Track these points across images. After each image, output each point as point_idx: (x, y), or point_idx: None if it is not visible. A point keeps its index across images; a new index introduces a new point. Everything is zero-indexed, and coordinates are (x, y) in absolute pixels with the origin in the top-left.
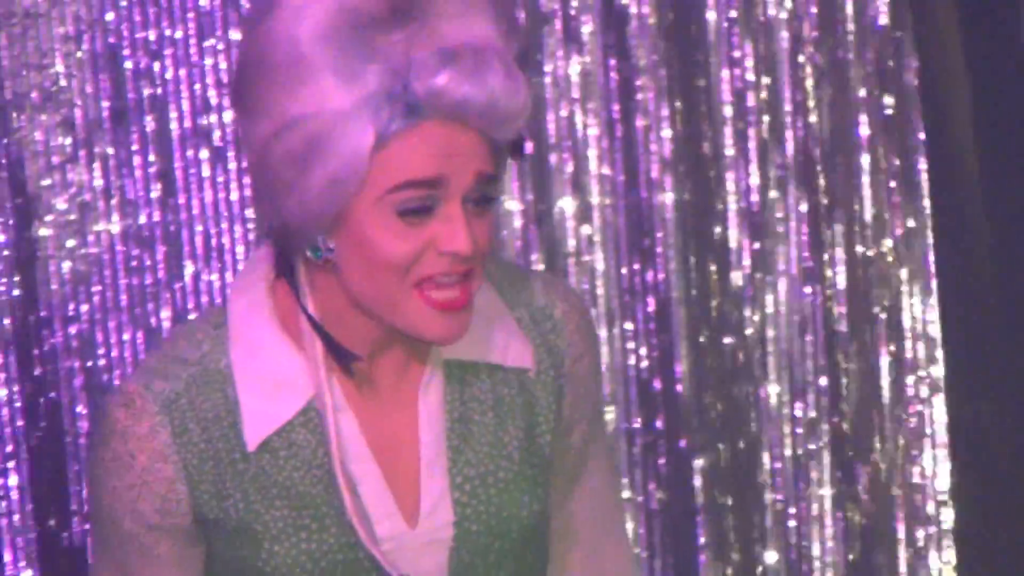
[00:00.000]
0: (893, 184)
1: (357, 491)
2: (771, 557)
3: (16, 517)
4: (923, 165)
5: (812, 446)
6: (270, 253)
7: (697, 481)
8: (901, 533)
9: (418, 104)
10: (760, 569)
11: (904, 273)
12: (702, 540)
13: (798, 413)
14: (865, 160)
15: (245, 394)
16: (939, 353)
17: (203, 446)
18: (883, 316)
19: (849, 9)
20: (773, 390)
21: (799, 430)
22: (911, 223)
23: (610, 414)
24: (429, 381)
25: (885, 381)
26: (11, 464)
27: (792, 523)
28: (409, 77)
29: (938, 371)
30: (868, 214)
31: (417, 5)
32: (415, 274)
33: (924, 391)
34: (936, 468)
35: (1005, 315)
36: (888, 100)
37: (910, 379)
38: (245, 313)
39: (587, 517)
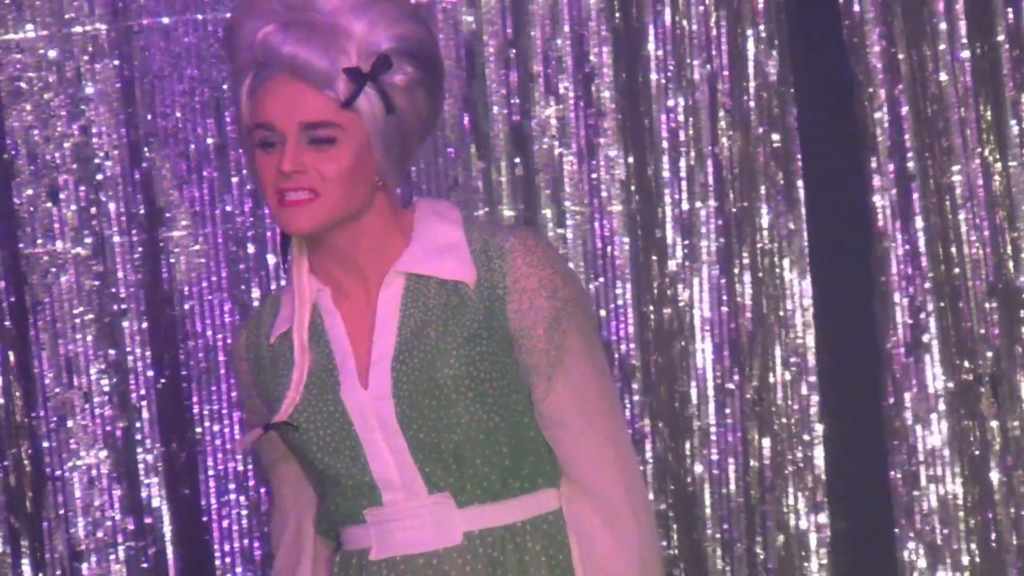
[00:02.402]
0: (779, 197)
1: (334, 362)
2: (698, 468)
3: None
4: (800, 184)
5: (729, 385)
6: None
7: (643, 415)
8: (778, 444)
9: (256, 57)
10: (689, 479)
11: (787, 262)
12: (649, 455)
13: (717, 365)
14: (761, 180)
15: (282, 309)
16: (811, 320)
17: (256, 344)
18: (774, 293)
19: (750, 70)
20: (699, 347)
21: (718, 376)
22: (792, 226)
23: None
24: (389, 284)
25: (777, 337)
26: (143, 403)
27: (714, 449)
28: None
29: (811, 339)
30: (764, 220)
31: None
32: (274, 188)
33: (800, 342)
34: (810, 395)
35: (849, 288)
36: (775, 136)
37: (790, 335)
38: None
39: (571, 406)
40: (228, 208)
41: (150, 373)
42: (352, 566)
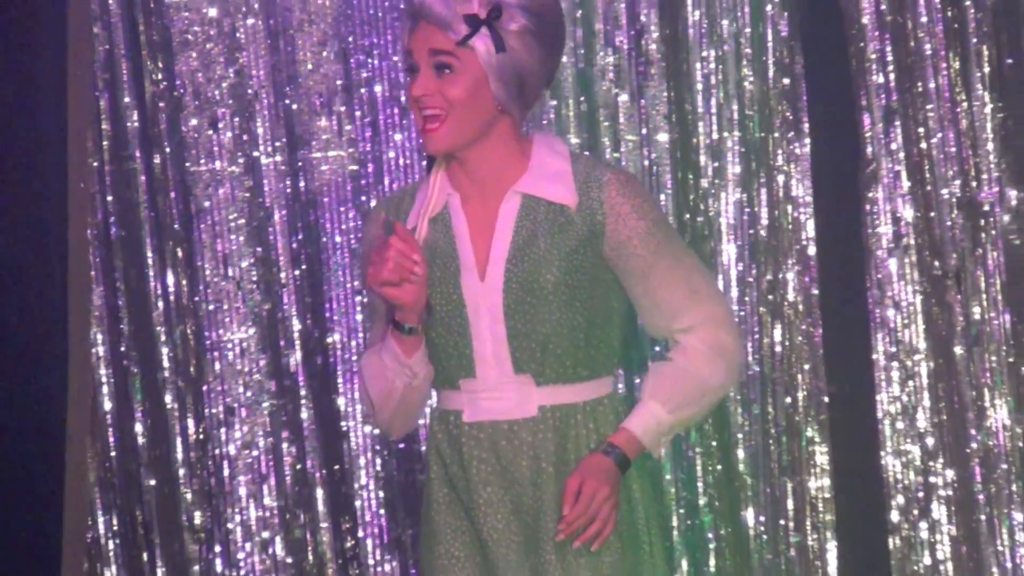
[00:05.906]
0: (789, 128)
1: (457, 253)
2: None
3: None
4: (805, 118)
5: (748, 279)
6: None
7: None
8: (786, 325)
9: (409, 11)
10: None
11: (794, 181)
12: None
13: (739, 262)
14: (775, 115)
15: (418, 201)
16: (813, 226)
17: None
18: (785, 205)
19: (768, 28)
20: (724, 248)
21: (740, 271)
22: (798, 151)
23: None
24: (508, 199)
25: (785, 240)
26: (284, 289)
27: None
28: None
29: (812, 242)
30: (778, 146)
31: None
32: (415, 108)
33: (804, 244)
34: (811, 286)
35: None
36: (786, 80)
37: (796, 239)
38: (435, 170)
39: (664, 296)
40: (352, 136)
41: (290, 265)
42: (450, 423)
